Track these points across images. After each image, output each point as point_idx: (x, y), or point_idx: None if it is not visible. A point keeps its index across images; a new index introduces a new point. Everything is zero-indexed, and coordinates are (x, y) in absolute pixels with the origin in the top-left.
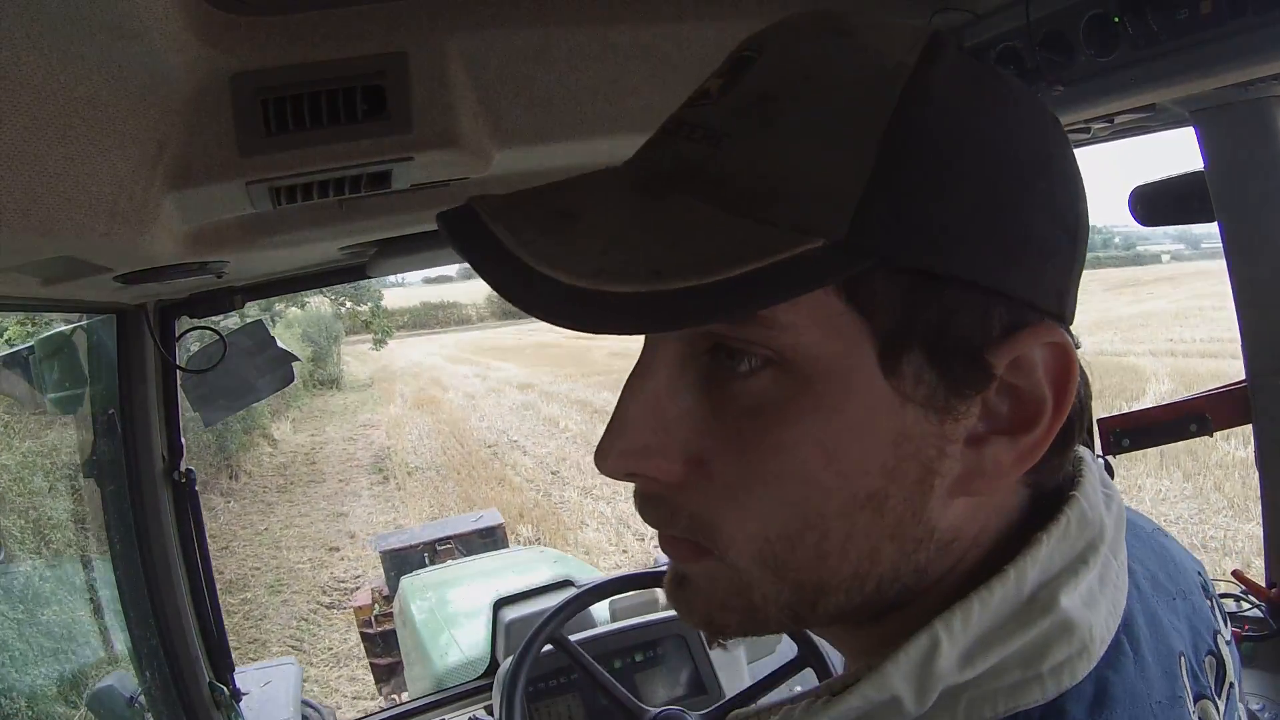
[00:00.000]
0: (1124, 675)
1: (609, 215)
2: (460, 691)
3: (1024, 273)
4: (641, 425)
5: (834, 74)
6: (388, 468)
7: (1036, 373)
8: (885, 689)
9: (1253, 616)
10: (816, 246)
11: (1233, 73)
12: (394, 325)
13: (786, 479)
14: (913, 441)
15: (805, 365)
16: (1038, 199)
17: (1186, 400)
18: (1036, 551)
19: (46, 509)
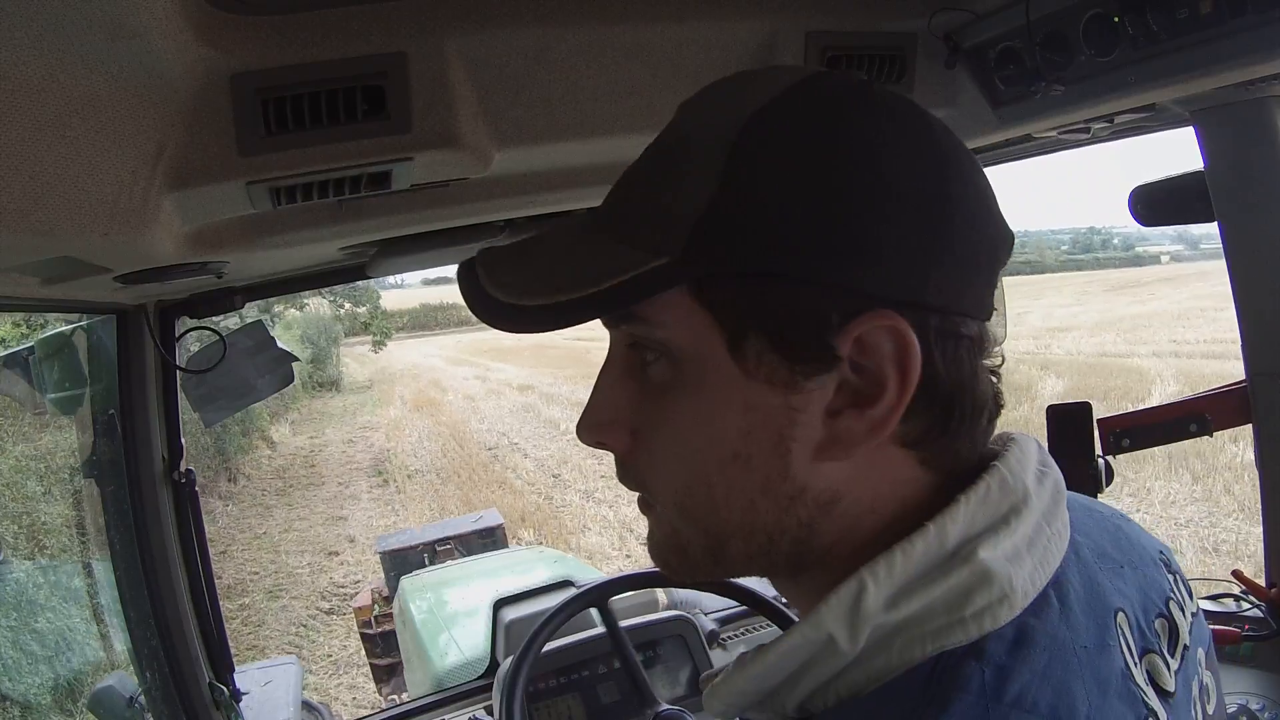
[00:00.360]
0: (1047, 623)
1: (549, 253)
2: (460, 692)
3: (862, 270)
4: (600, 406)
5: (701, 126)
6: (387, 470)
7: (880, 353)
8: (821, 628)
9: (1253, 616)
10: (663, 263)
11: (1233, 73)
12: (393, 327)
13: (678, 442)
14: (760, 411)
15: (677, 353)
16: (878, 209)
17: (1186, 400)
18: (956, 510)
19: (46, 510)
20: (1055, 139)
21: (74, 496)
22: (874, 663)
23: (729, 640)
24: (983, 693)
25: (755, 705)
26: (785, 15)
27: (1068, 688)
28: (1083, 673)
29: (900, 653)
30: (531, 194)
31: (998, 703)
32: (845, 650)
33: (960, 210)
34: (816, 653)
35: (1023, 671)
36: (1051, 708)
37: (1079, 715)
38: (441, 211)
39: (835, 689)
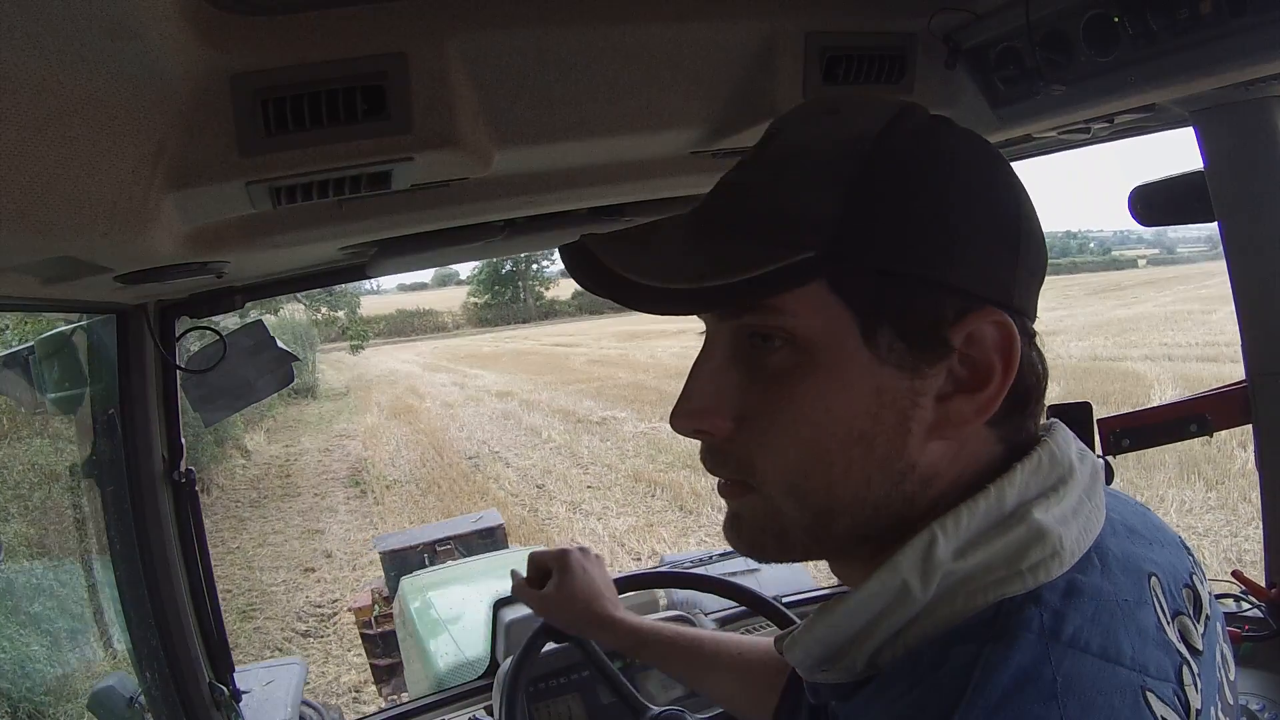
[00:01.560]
0: (1091, 578)
1: (672, 244)
2: (460, 691)
3: (970, 271)
4: (702, 394)
5: (822, 143)
6: (365, 480)
7: (986, 345)
8: (896, 574)
9: (1253, 616)
10: (807, 256)
11: (1233, 73)
12: (370, 332)
13: (800, 425)
14: (889, 394)
15: (808, 342)
16: (976, 222)
17: (1186, 400)
18: (1013, 476)
19: (45, 510)
20: (1055, 139)
21: (74, 496)
22: (941, 611)
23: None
24: (1042, 632)
25: (829, 659)
26: (785, 15)
27: (1114, 632)
28: (1126, 621)
29: (966, 600)
30: (531, 194)
31: (1055, 641)
32: (918, 596)
33: (1030, 228)
34: (891, 600)
35: (1075, 616)
36: (1102, 648)
37: (1125, 656)
38: (441, 211)
39: (905, 639)
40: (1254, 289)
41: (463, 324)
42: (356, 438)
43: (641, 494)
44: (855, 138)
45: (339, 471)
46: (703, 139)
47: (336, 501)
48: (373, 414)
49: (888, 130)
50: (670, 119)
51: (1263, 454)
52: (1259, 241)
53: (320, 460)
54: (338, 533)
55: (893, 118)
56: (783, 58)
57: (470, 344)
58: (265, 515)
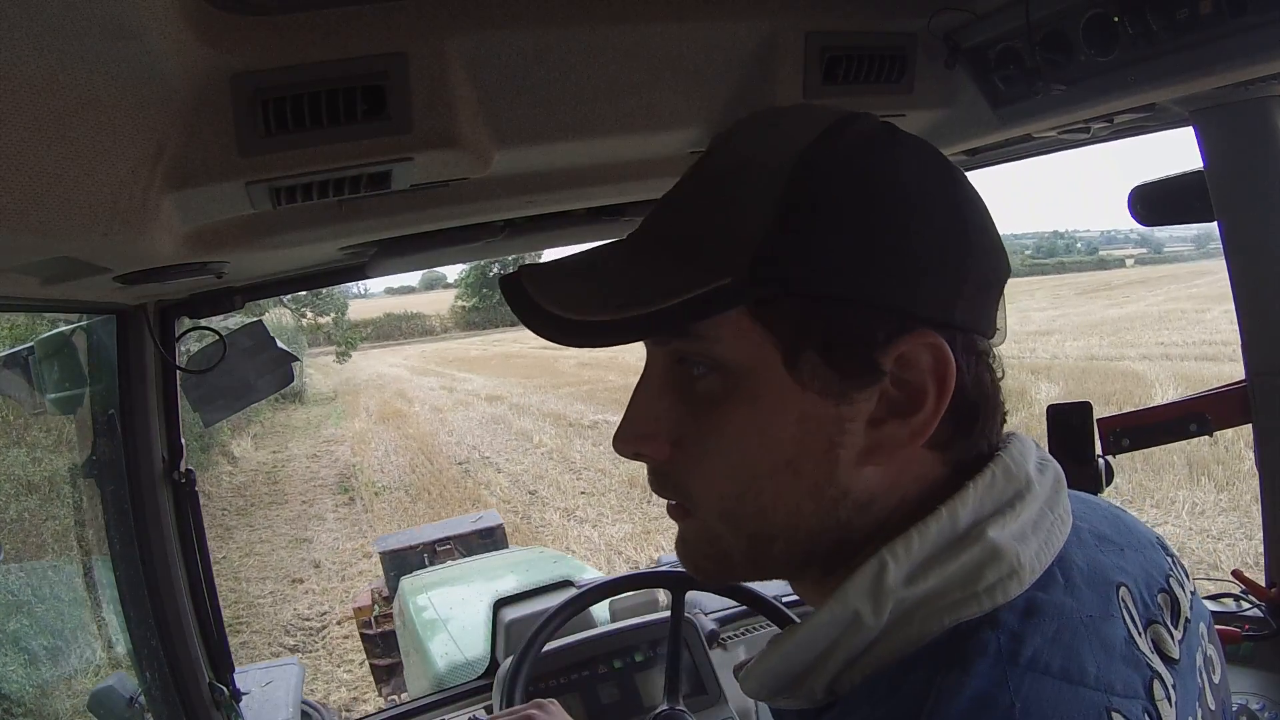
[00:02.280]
0: (1053, 595)
1: (601, 270)
2: (460, 691)
3: (902, 292)
4: (639, 418)
5: (754, 158)
6: (354, 487)
7: (919, 368)
8: (847, 605)
9: (1253, 616)
10: (725, 283)
11: (1233, 73)
12: (357, 336)
13: (728, 451)
14: (814, 420)
15: (732, 367)
16: (914, 238)
17: (1186, 400)
18: (965, 495)
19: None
20: (1055, 139)
21: (73, 496)
22: (896, 638)
23: (729, 640)
24: (999, 656)
25: (787, 688)
26: (785, 15)
27: (1076, 651)
28: (1089, 638)
29: (920, 625)
30: (531, 194)
31: (1014, 665)
32: (870, 624)
33: (977, 241)
34: (844, 629)
35: (1034, 637)
36: (1063, 669)
37: (1089, 675)
38: (441, 211)
39: (861, 667)
40: (1254, 289)
41: (450, 327)
42: (345, 443)
43: (637, 500)
44: (784, 155)
45: (327, 478)
46: (703, 139)
47: (325, 509)
48: (361, 419)
49: (818, 145)
50: (670, 119)
51: (1262, 454)
52: (1259, 241)
53: (308, 466)
54: (326, 541)
55: (825, 131)
56: (783, 58)
57: (458, 347)
58: (252, 524)
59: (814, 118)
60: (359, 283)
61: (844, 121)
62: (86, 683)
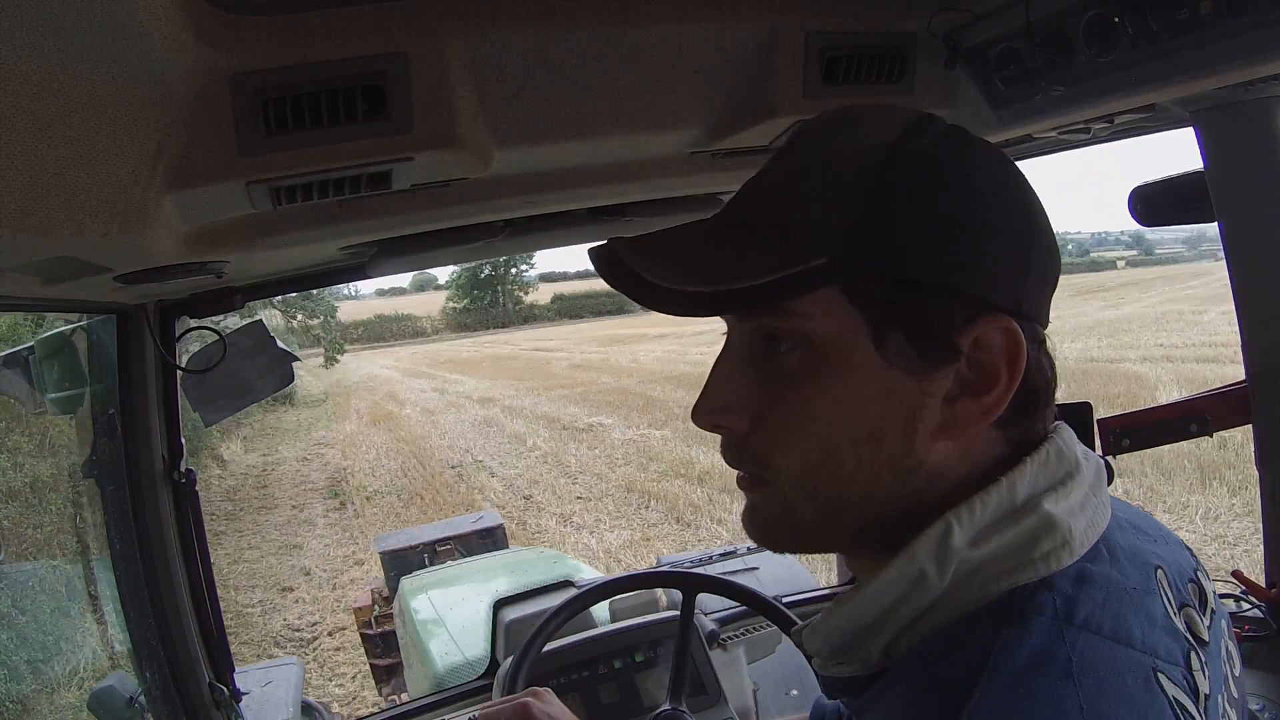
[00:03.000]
0: (1100, 567)
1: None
2: (460, 691)
3: (979, 279)
4: (721, 392)
5: (840, 152)
6: (344, 492)
7: (993, 350)
8: (914, 562)
9: (1253, 616)
10: (821, 262)
11: (1233, 73)
12: (347, 339)
13: (813, 423)
14: (897, 395)
15: (821, 344)
16: (987, 230)
17: (1186, 400)
18: (1023, 469)
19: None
20: (1055, 139)
21: (73, 496)
22: (956, 599)
23: (729, 640)
24: (1055, 615)
25: (846, 650)
26: (785, 15)
27: (1124, 617)
28: (1135, 608)
29: (980, 588)
30: (531, 194)
31: (1069, 624)
32: (935, 583)
33: (1040, 236)
34: (909, 587)
35: (1086, 601)
36: (1114, 631)
37: (1135, 639)
38: (441, 211)
39: (920, 627)
40: (1254, 289)
41: (441, 329)
42: (335, 446)
43: (635, 505)
44: (872, 148)
45: (318, 482)
46: (703, 139)
47: (315, 514)
48: (352, 421)
49: (902, 141)
50: (670, 119)
51: (1262, 454)
52: (1259, 241)
53: (298, 470)
54: (316, 548)
55: (907, 128)
56: (783, 58)
57: (449, 349)
58: (241, 529)
59: (894, 117)
60: (350, 284)
61: (922, 121)
62: (86, 682)
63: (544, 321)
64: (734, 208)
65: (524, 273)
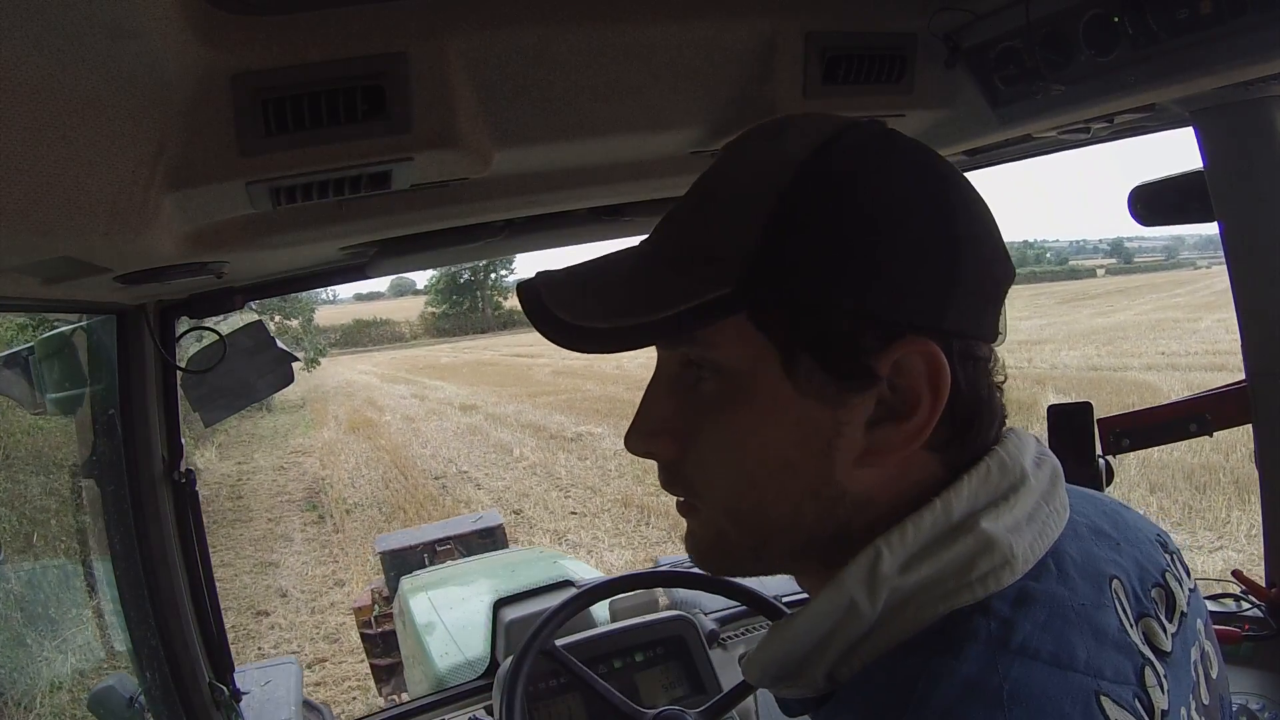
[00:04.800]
0: (1045, 584)
1: (610, 279)
2: (460, 691)
3: (894, 301)
4: (650, 417)
5: (750, 169)
6: (323, 504)
7: (914, 374)
8: (843, 593)
9: (1253, 616)
10: (724, 293)
11: (1233, 73)
12: (326, 343)
13: (730, 451)
14: (811, 423)
15: (732, 371)
16: (903, 246)
17: (1187, 400)
18: (959, 487)
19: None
20: (1055, 139)
21: (74, 496)
22: (892, 626)
23: (729, 640)
24: (990, 641)
25: (789, 675)
26: (785, 16)
27: (1066, 638)
28: (1080, 625)
29: (915, 613)
30: (531, 194)
31: (1004, 649)
32: (866, 612)
33: (968, 249)
34: (840, 617)
35: (1025, 624)
36: (1053, 654)
37: (1078, 660)
38: (441, 211)
39: (860, 655)
40: (1254, 289)
41: (420, 334)
42: (313, 454)
43: (633, 521)
44: (779, 167)
45: (295, 493)
46: (703, 139)
47: (292, 528)
48: (330, 428)
49: (812, 160)
50: (670, 119)
51: (1262, 454)
52: (1259, 241)
53: (275, 480)
54: (293, 566)
55: (821, 145)
56: (783, 58)
57: (428, 354)
58: (214, 544)
59: (815, 130)
60: (328, 288)
61: (841, 132)
62: (86, 682)
63: (523, 327)
64: (654, 234)
65: (503, 278)
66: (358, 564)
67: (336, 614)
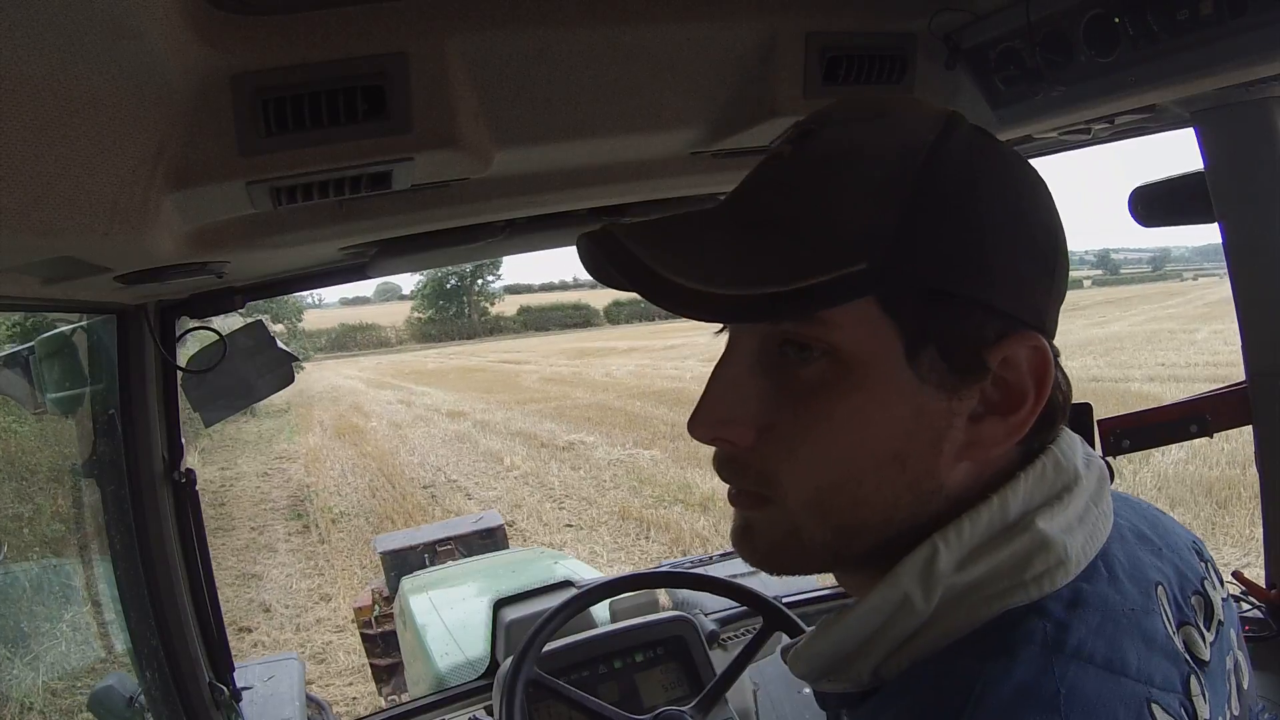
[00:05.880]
0: (1097, 587)
1: (718, 243)
2: (460, 691)
3: (1010, 295)
4: (725, 401)
5: (875, 147)
6: (308, 513)
7: (1021, 369)
8: (898, 588)
9: (1253, 617)
10: (860, 269)
11: (1233, 73)
12: (312, 347)
13: (834, 440)
14: (927, 414)
15: (850, 356)
16: (1021, 242)
17: (1186, 401)
18: (1016, 485)
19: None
20: (1055, 140)
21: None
22: (945, 624)
23: (729, 640)
24: (1045, 644)
25: (835, 669)
26: (785, 16)
27: (1119, 643)
28: (1132, 631)
29: (969, 612)
30: (531, 194)
31: (1059, 653)
32: (920, 609)
33: (1064, 252)
34: (893, 613)
35: (1079, 627)
36: (1106, 659)
37: (1130, 666)
38: (441, 211)
39: (909, 652)
40: (1254, 289)
41: (406, 339)
42: (298, 460)
43: (632, 535)
44: (911, 146)
45: (279, 500)
46: (702, 139)
47: (276, 538)
48: (315, 434)
49: (943, 139)
50: (670, 119)
51: (1262, 454)
52: (1259, 242)
53: (258, 486)
54: (277, 579)
55: (946, 125)
56: (783, 58)
57: (414, 359)
58: None
59: (928, 112)
60: (313, 292)
61: (956, 119)
62: (86, 682)
63: (510, 333)
64: (754, 200)
65: (490, 284)
66: (345, 577)
67: (323, 631)
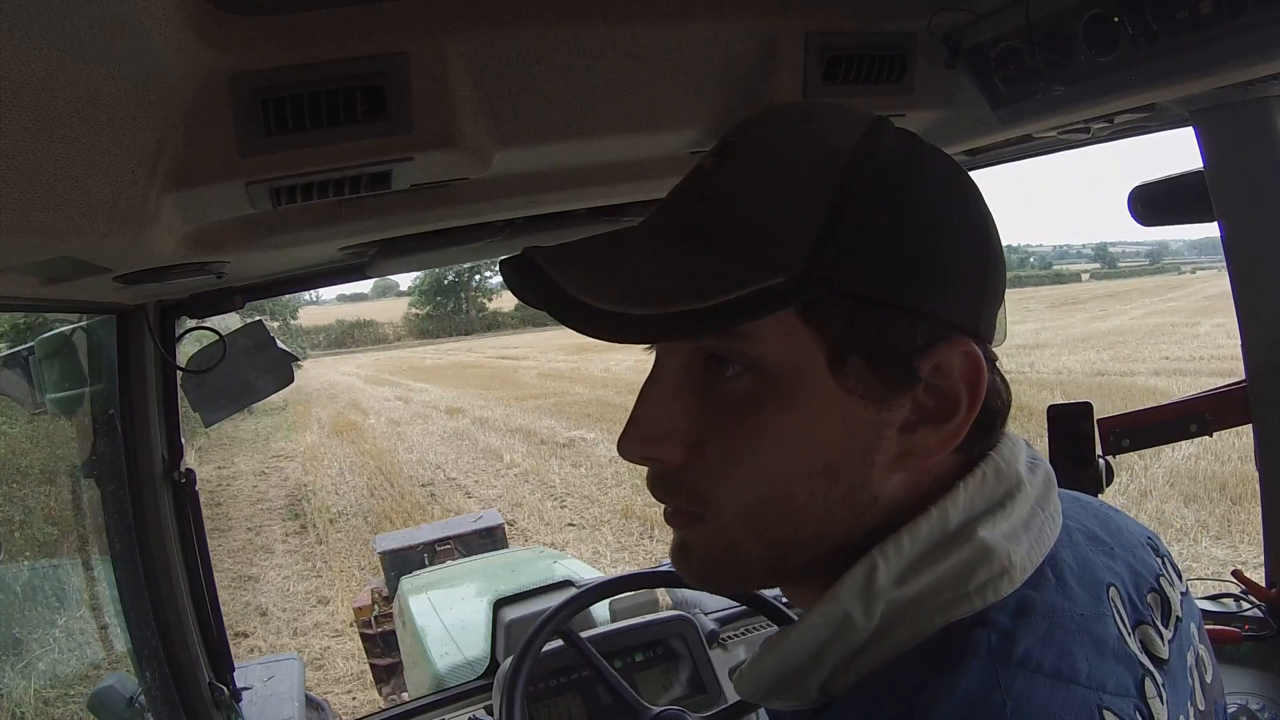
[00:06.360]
0: (1045, 594)
1: (634, 260)
2: (460, 691)
3: (940, 299)
4: (653, 419)
5: (796, 154)
6: (305, 513)
7: (954, 375)
8: (838, 605)
9: (1253, 616)
10: (779, 280)
11: (1233, 73)
12: (310, 344)
13: (762, 454)
14: (855, 425)
15: (773, 369)
16: (950, 245)
17: (1186, 400)
18: (956, 495)
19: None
20: (1055, 139)
21: (73, 496)
22: (889, 639)
23: (729, 640)
24: (991, 655)
25: (782, 689)
26: (785, 16)
27: (1068, 650)
28: (1081, 637)
29: (912, 626)
30: (531, 194)
31: (1005, 664)
32: (861, 625)
33: (997, 252)
34: (835, 630)
35: (1026, 636)
36: (1055, 667)
37: (1080, 673)
38: (441, 211)
39: (855, 668)
40: (1254, 289)
41: (404, 335)
42: (296, 458)
43: (636, 535)
44: (829, 154)
45: (276, 500)
46: (703, 139)
47: (273, 538)
48: (313, 431)
49: (865, 143)
50: (670, 119)
51: (1262, 454)
52: (1259, 241)
53: (255, 486)
54: (274, 581)
55: (869, 129)
56: (783, 58)
57: (412, 356)
58: None
59: (852, 117)
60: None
61: (880, 123)
62: (86, 682)
63: (508, 329)
64: (676, 216)
65: (488, 279)
66: (343, 579)
67: (321, 636)
